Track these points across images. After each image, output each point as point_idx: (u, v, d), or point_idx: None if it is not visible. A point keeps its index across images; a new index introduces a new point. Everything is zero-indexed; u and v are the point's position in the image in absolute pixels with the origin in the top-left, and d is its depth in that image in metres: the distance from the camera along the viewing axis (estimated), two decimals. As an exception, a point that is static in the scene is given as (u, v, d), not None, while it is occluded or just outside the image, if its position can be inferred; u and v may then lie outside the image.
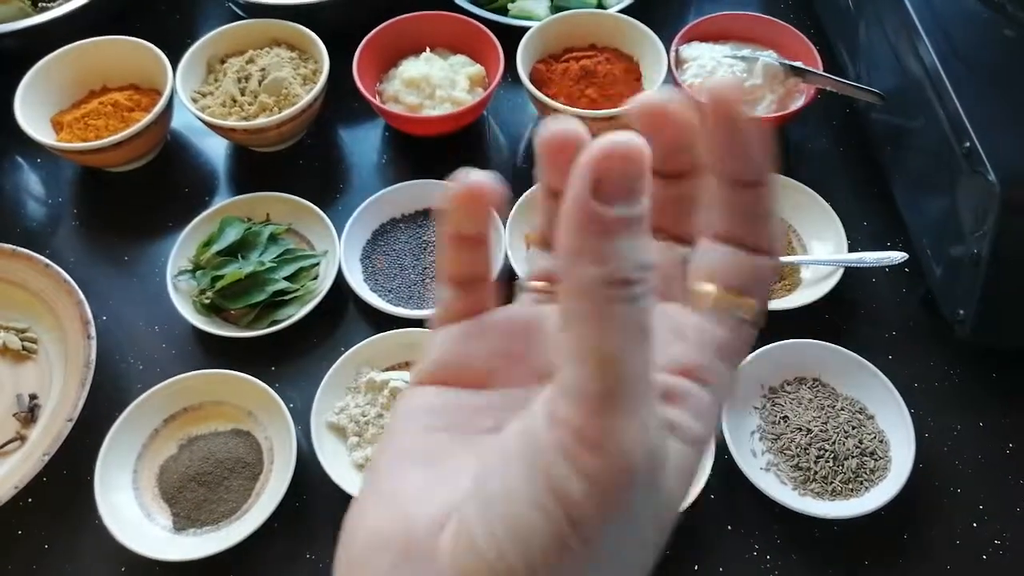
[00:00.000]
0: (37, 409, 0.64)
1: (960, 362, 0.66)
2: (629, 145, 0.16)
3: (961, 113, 0.57)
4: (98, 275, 0.72)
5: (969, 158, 0.57)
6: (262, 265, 0.67)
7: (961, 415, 0.63)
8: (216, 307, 0.67)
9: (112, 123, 0.75)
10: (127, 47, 0.78)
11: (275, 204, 0.72)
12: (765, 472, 0.59)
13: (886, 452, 0.59)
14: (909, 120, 0.66)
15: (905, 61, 0.65)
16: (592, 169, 0.16)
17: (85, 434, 0.60)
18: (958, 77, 0.59)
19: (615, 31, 0.80)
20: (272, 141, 0.77)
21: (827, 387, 0.63)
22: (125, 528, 0.56)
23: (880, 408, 0.61)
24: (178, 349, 0.67)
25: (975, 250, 0.58)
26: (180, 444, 0.62)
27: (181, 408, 0.63)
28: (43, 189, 0.79)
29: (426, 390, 0.23)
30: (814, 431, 0.60)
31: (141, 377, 0.66)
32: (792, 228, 0.72)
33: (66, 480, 0.60)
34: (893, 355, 0.65)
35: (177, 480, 0.60)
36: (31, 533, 0.60)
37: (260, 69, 0.76)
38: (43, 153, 0.79)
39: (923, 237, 0.65)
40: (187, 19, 0.91)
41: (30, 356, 0.67)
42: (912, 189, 0.67)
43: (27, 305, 0.68)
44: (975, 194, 0.57)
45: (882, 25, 0.69)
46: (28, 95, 0.74)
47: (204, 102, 0.76)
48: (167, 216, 0.75)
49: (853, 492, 0.58)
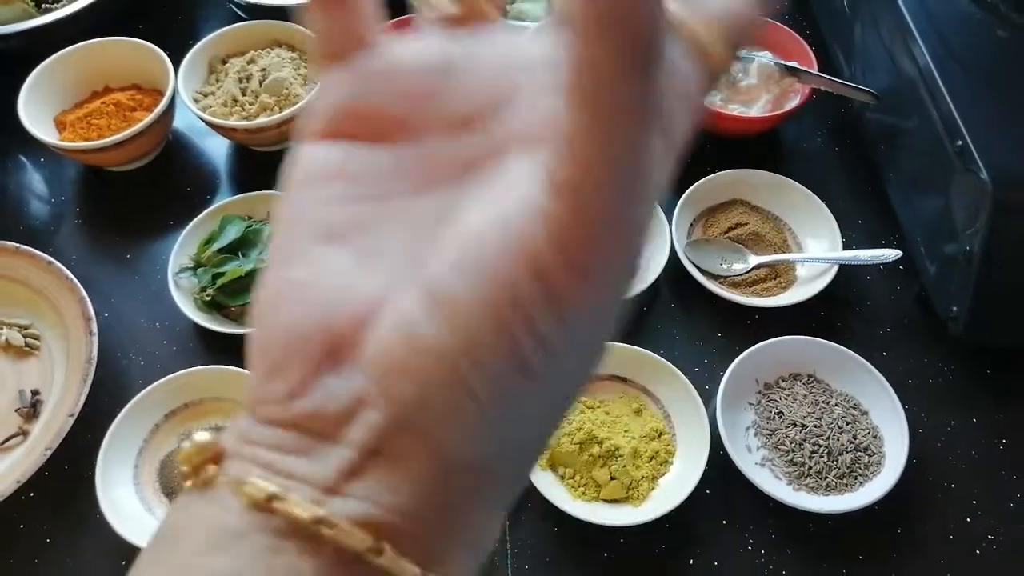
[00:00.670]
0: (39, 405, 0.65)
1: (953, 359, 0.66)
2: None
3: (954, 112, 0.58)
4: (100, 273, 0.72)
5: (962, 157, 0.57)
6: (262, 263, 0.67)
7: (955, 411, 0.64)
8: (217, 304, 0.67)
9: (114, 123, 0.75)
10: (129, 48, 0.79)
11: (275, 203, 0.73)
12: (760, 467, 0.60)
13: (880, 448, 0.60)
14: (903, 120, 0.67)
15: (899, 61, 0.66)
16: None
17: (87, 429, 0.61)
18: (951, 77, 0.60)
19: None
20: (273, 140, 0.77)
21: (822, 383, 0.63)
22: (126, 522, 0.57)
23: (874, 404, 0.61)
24: (179, 346, 0.68)
25: (968, 248, 0.58)
26: (181, 439, 0.62)
27: (182, 404, 0.63)
28: (46, 188, 0.80)
29: (323, 147, 0.19)
30: (809, 427, 0.60)
31: (142, 373, 0.66)
32: (787, 226, 0.72)
33: (68, 475, 0.61)
34: (887, 352, 0.66)
35: (178, 475, 0.60)
36: (33, 527, 0.60)
37: (261, 69, 0.77)
38: (46, 152, 0.79)
39: (917, 235, 0.66)
40: (189, 20, 0.91)
41: (32, 352, 0.68)
42: (906, 188, 0.68)
43: (30, 302, 0.69)
44: (968, 192, 0.57)
45: (877, 26, 0.70)
46: (32, 95, 0.75)
47: (205, 102, 0.77)
48: (168, 214, 0.75)
49: (847, 487, 0.58)
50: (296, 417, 0.17)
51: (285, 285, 0.18)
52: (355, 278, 0.17)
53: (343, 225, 0.18)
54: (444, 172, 0.18)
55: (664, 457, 0.60)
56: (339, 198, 0.18)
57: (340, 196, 0.18)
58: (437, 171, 0.18)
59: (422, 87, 0.19)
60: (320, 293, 0.17)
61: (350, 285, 0.17)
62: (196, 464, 0.17)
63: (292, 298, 0.17)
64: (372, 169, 0.18)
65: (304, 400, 0.17)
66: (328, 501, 0.16)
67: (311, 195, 0.19)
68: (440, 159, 0.18)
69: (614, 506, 0.58)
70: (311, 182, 0.19)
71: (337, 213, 0.18)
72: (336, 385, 0.17)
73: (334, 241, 0.18)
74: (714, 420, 0.60)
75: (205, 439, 0.18)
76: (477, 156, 0.18)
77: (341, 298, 0.17)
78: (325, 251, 0.18)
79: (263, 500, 0.16)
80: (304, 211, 0.18)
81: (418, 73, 0.19)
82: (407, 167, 0.18)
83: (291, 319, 0.17)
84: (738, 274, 0.69)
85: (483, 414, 0.16)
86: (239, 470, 0.17)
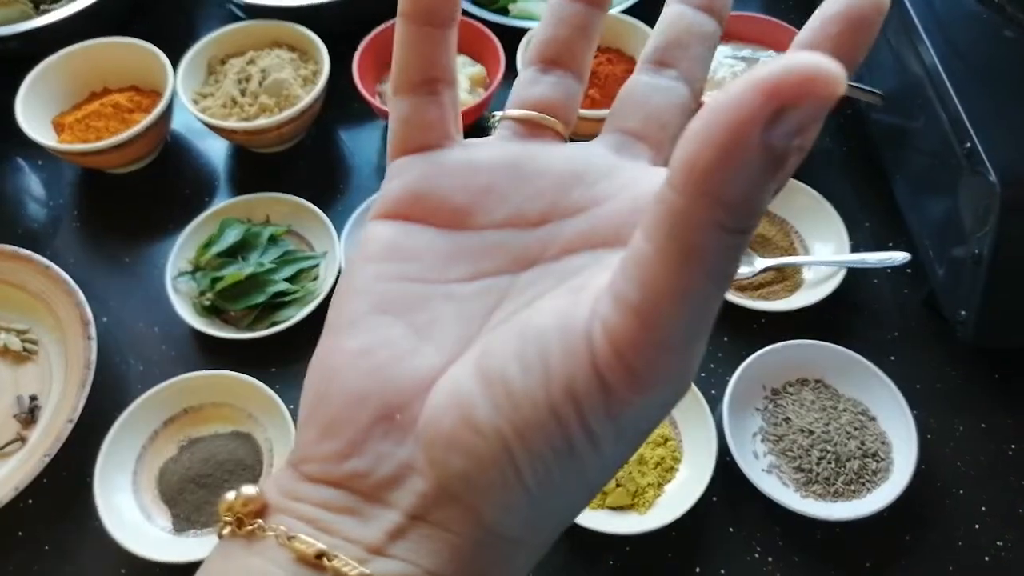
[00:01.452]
0: (37, 410, 0.64)
1: (962, 363, 0.65)
2: (840, 78, 0.12)
3: (962, 113, 0.57)
4: (98, 276, 0.71)
5: (970, 158, 0.56)
6: (262, 266, 0.67)
7: (963, 416, 0.63)
8: (216, 309, 0.67)
9: (113, 124, 0.75)
10: (128, 49, 0.78)
11: (275, 205, 0.72)
12: (767, 474, 0.59)
13: (888, 454, 0.59)
14: (910, 120, 0.66)
15: (906, 61, 0.65)
16: (786, 91, 0.12)
17: (85, 435, 0.60)
18: (958, 77, 0.59)
19: (617, 32, 0.80)
20: (272, 142, 0.77)
21: (829, 388, 0.62)
22: (125, 529, 0.56)
23: (882, 409, 0.61)
24: (178, 351, 0.67)
25: (976, 251, 0.57)
26: (180, 446, 0.62)
27: (181, 410, 0.63)
28: (43, 190, 0.79)
29: (391, 226, 0.20)
30: (816, 432, 0.60)
31: (141, 378, 0.65)
32: (794, 229, 0.72)
33: (66, 481, 0.60)
34: (895, 356, 0.65)
35: (177, 482, 0.60)
36: (31, 534, 0.60)
37: (260, 70, 0.76)
38: (44, 155, 0.79)
39: (925, 238, 0.65)
40: (187, 21, 0.91)
41: (30, 357, 0.67)
42: (913, 190, 0.67)
43: (27, 306, 0.68)
44: (976, 194, 0.57)
45: (883, 26, 0.69)
46: (29, 97, 0.74)
47: (204, 103, 0.76)
48: (167, 217, 0.75)
49: (855, 494, 0.58)
50: (346, 476, 0.18)
51: (343, 351, 0.19)
52: (410, 349, 0.18)
53: (400, 300, 0.19)
54: (501, 263, 0.19)
55: (670, 463, 0.59)
56: (399, 275, 0.19)
57: (400, 273, 0.20)
58: (494, 262, 0.19)
59: (490, 182, 0.20)
60: (376, 360, 0.18)
61: (404, 356, 0.18)
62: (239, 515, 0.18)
63: (350, 364, 0.19)
64: (433, 252, 0.20)
65: (355, 461, 0.18)
66: (372, 560, 0.17)
67: (374, 269, 0.20)
68: (499, 250, 0.20)
69: (620, 513, 0.57)
70: (375, 257, 0.20)
71: (396, 288, 0.19)
72: (387, 449, 0.18)
73: (390, 313, 0.19)
74: (720, 426, 0.59)
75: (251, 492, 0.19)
76: (535, 253, 0.19)
77: (396, 367, 0.18)
78: (382, 321, 0.19)
79: (312, 556, 0.17)
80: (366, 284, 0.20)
81: (488, 169, 0.21)
82: (466, 254, 0.20)
83: (348, 383, 0.18)
84: (744, 277, 0.69)
85: (526, 493, 0.17)
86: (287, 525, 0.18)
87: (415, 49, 0.21)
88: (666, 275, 0.14)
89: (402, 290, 0.19)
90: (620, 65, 0.78)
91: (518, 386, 0.16)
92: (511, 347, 0.17)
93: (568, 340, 0.16)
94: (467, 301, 0.19)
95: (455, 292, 0.19)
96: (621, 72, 0.78)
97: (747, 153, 0.13)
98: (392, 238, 0.20)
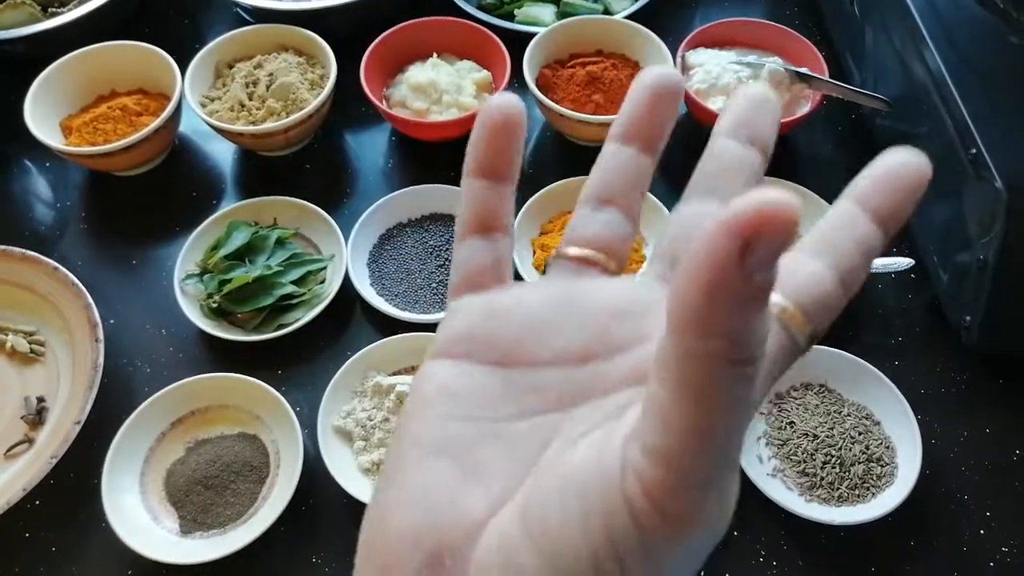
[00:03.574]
0: (45, 412, 0.64)
1: (967, 368, 0.65)
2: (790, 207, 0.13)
3: (967, 119, 0.57)
4: (106, 279, 0.72)
5: (975, 164, 0.57)
6: (269, 269, 0.67)
7: (968, 421, 0.63)
8: (223, 311, 0.67)
9: (120, 127, 0.75)
10: (136, 52, 0.78)
11: (282, 208, 0.73)
12: (771, 478, 0.59)
13: (892, 458, 0.59)
14: (915, 126, 0.66)
15: (911, 67, 0.65)
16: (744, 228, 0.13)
17: (92, 437, 0.61)
18: (963, 83, 0.59)
19: (621, 37, 0.81)
20: (279, 145, 0.77)
21: (833, 393, 0.62)
22: (132, 531, 0.56)
23: (886, 414, 0.61)
24: (185, 353, 0.68)
25: (981, 256, 0.58)
26: (187, 447, 0.62)
27: (188, 411, 0.63)
28: (52, 193, 0.79)
29: (446, 365, 0.21)
30: (820, 437, 0.60)
31: (148, 380, 0.66)
32: (799, 235, 0.72)
33: (73, 483, 0.61)
34: (900, 361, 0.65)
35: (184, 483, 0.60)
36: (38, 535, 0.60)
37: (268, 74, 0.77)
38: (52, 157, 0.79)
39: (930, 243, 0.65)
40: (195, 24, 0.91)
41: (38, 359, 0.67)
42: (918, 195, 0.67)
43: (35, 308, 0.68)
44: (981, 200, 0.57)
45: (888, 31, 0.70)
46: (38, 99, 0.74)
47: (212, 106, 0.77)
48: (174, 220, 0.75)
49: (860, 498, 0.58)
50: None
51: (399, 495, 0.20)
52: (461, 493, 0.19)
53: (452, 441, 0.20)
54: (550, 402, 0.20)
55: (674, 467, 0.59)
56: (451, 416, 0.20)
57: (452, 414, 0.20)
58: (543, 400, 0.20)
59: (539, 320, 0.21)
60: (428, 504, 0.19)
61: (455, 499, 0.19)
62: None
63: (403, 507, 0.19)
64: (483, 391, 0.20)
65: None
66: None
67: (427, 413, 0.20)
68: (548, 389, 0.20)
69: (624, 517, 0.57)
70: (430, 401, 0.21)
71: (448, 429, 0.20)
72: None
73: (443, 456, 0.19)
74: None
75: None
76: (583, 390, 0.20)
77: (447, 511, 0.19)
78: (434, 465, 0.19)
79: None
80: (419, 428, 0.20)
81: (538, 307, 0.21)
82: (516, 393, 0.20)
83: (402, 526, 0.19)
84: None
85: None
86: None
87: (477, 200, 0.23)
88: (684, 417, 0.15)
89: (454, 431, 0.20)
90: (624, 70, 0.79)
91: (559, 535, 0.17)
92: (553, 495, 0.17)
93: (606, 489, 0.16)
94: (518, 440, 0.19)
95: (506, 431, 0.20)
96: (625, 77, 0.78)
97: (731, 286, 0.14)
98: (445, 379, 0.21)
